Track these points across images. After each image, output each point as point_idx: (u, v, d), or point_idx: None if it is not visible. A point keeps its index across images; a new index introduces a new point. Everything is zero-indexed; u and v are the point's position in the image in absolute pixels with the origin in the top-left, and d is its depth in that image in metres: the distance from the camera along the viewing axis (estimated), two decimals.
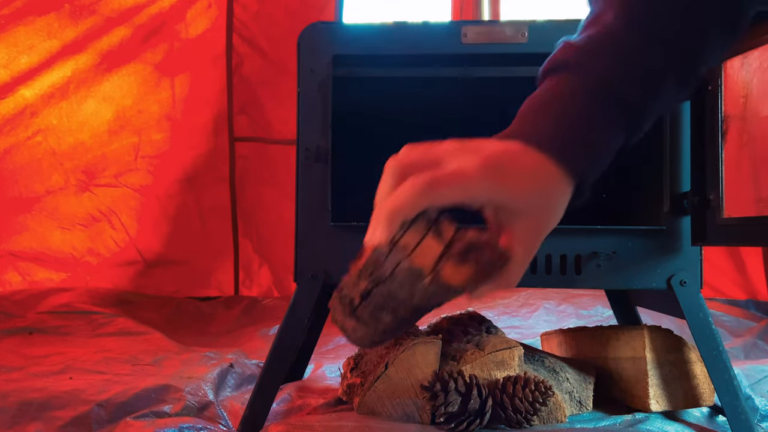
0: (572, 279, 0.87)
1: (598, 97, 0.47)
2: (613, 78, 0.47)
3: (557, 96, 0.48)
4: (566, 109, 0.48)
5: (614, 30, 0.48)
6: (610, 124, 0.48)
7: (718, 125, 0.78)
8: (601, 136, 0.48)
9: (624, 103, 0.48)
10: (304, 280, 0.89)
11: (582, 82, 0.48)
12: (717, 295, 2.11)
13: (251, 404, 0.88)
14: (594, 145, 0.48)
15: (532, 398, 0.82)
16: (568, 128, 0.47)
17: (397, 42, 0.90)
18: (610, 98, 0.47)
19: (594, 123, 0.47)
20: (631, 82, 0.47)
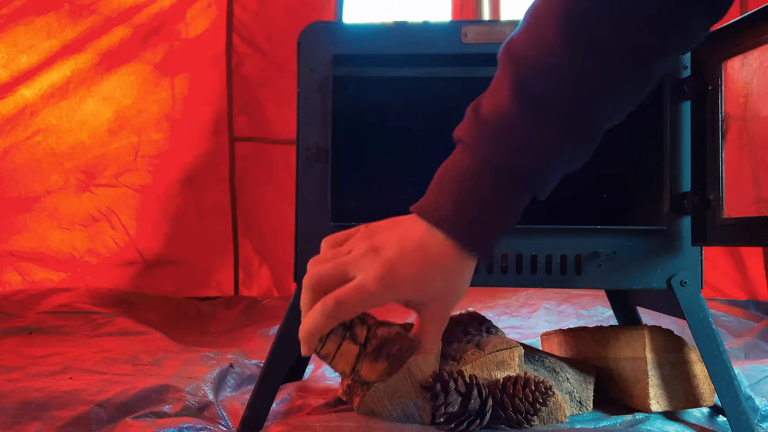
0: (572, 279, 0.87)
1: (496, 180, 0.51)
2: (510, 162, 0.51)
3: (458, 176, 0.52)
4: (467, 190, 0.51)
5: (508, 111, 0.51)
6: (507, 199, 0.52)
7: (719, 125, 0.78)
8: (500, 213, 0.52)
9: (521, 179, 0.51)
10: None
11: (480, 165, 0.51)
12: (717, 295, 2.11)
13: (251, 404, 0.88)
14: (493, 221, 0.52)
15: (532, 398, 0.82)
16: (468, 211, 0.51)
17: (397, 42, 0.90)
18: (507, 179, 0.51)
19: (491, 203, 0.51)
20: (526, 161, 0.51)
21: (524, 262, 0.87)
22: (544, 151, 0.51)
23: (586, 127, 0.52)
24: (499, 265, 0.87)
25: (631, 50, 0.51)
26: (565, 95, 0.51)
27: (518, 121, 0.50)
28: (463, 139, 0.53)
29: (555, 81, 0.50)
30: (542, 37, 0.51)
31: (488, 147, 0.51)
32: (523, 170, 0.51)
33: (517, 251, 0.87)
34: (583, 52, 0.50)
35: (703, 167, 0.81)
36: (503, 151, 0.51)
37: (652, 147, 0.88)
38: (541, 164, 0.52)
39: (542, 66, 0.50)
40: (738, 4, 2.02)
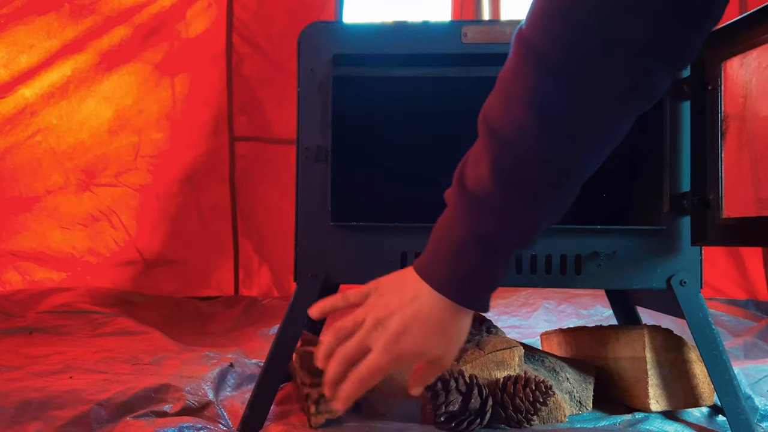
0: (572, 279, 0.87)
1: (485, 251, 0.56)
2: (495, 235, 0.56)
3: (451, 245, 0.58)
4: (458, 261, 0.57)
5: (489, 188, 0.55)
6: (497, 264, 0.57)
7: (718, 125, 0.78)
8: (491, 275, 0.58)
9: (508, 247, 0.57)
10: (304, 280, 0.89)
11: (469, 238, 0.56)
12: (717, 295, 2.11)
13: (251, 404, 0.88)
14: (486, 282, 0.58)
15: (532, 398, 0.82)
16: (462, 279, 0.57)
17: (397, 42, 0.90)
18: (495, 248, 0.56)
19: (483, 271, 0.57)
20: (511, 232, 0.56)
21: (524, 262, 0.87)
22: (528, 221, 0.56)
23: (565, 191, 0.56)
24: None
25: (604, 118, 0.54)
26: (541, 171, 0.54)
27: (498, 197, 0.55)
28: (452, 208, 0.59)
29: (528, 158, 0.53)
30: (512, 111, 0.53)
31: (475, 222, 0.56)
32: (509, 240, 0.56)
33: None
34: (555, 131, 0.53)
35: (702, 167, 0.81)
36: (488, 227, 0.56)
37: (651, 147, 0.89)
38: (526, 232, 0.56)
39: (515, 143, 0.53)
40: (738, 4, 2.02)
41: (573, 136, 0.53)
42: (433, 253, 0.59)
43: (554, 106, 0.52)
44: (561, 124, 0.52)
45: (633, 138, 0.96)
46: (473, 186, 0.56)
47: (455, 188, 0.59)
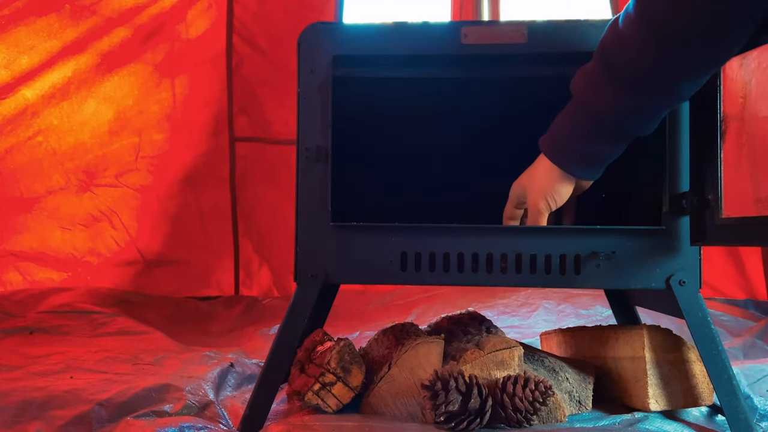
0: (572, 279, 0.87)
1: (587, 124, 0.81)
2: (597, 110, 0.79)
3: (564, 122, 0.84)
4: (565, 131, 0.84)
5: (595, 73, 0.78)
6: (597, 140, 0.81)
7: (717, 125, 0.78)
8: (589, 149, 0.82)
9: (606, 126, 0.79)
10: (304, 280, 0.89)
11: (578, 113, 0.82)
12: (716, 295, 2.12)
13: (251, 404, 0.88)
14: (583, 154, 0.83)
15: (532, 398, 0.83)
16: (566, 145, 0.84)
17: (397, 42, 0.90)
18: (596, 124, 0.80)
19: (582, 141, 0.82)
20: (609, 111, 0.78)
21: (524, 261, 0.87)
22: (623, 107, 0.77)
23: (660, 91, 0.75)
24: (499, 264, 0.87)
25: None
26: (640, 67, 0.73)
27: (602, 81, 0.77)
28: (574, 88, 0.82)
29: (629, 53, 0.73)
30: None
31: (586, 100, 0.80)
32: (595, 110, 0.79)
33: (516, 251, 0.87)
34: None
35: (701, 167, 0.81)
36: (593, 102, 0.79)
37: (651, 147, 0.89)
38: (620, 117, 0.78)
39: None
40: None
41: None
42: (553, 129, 0.84)
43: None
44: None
45: None
46: (586, 72, 0.78)
47: (577, 77, 0.81)
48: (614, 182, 1.04)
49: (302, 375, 0.90)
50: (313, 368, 0.89)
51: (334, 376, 0.87)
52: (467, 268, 0.87)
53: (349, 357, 0.89)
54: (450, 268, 0.88)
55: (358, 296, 2.22)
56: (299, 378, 0.90)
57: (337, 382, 0.87)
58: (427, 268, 0.88)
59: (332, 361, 0.87)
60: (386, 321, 1.49)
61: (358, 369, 0.89)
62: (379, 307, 2.15)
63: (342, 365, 0.88)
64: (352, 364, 0.88)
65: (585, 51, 0.83)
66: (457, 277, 0.88)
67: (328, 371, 0.87)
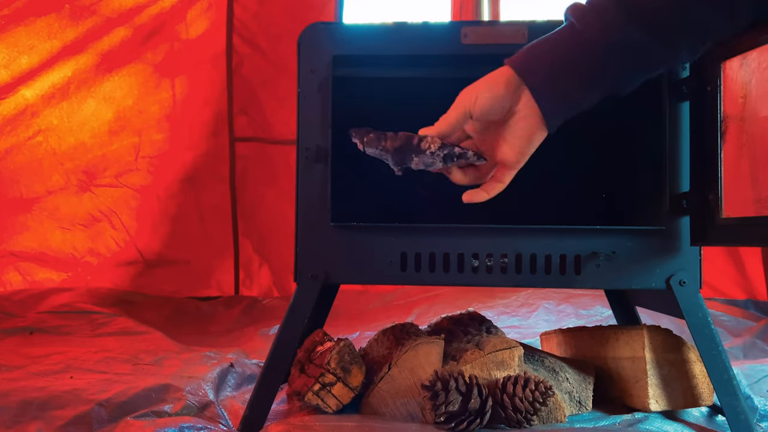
0: (572, 279, 0.87)
1: (574, 50, 0.69)
2: (591, 37, 0.68)
3: (548, 42, 0.71)
4: (545, 51, 0.71)
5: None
6: (574, 74, 0.69)
7: (718, 125, 0.78)
8: (563, 79, 0.70)
9: (592, 59, 0.68)
10: (304, 280, 0.89)
11: (568, 38, 0.70)
12: (716, 295, 2.11)
13: (251, 404, 0.88)
14: (555, 81, 0.70)
15: (532, 398, 0.83)
16: (540, 63, 0.71)
17: (397, 42, 0.90)
18: (583, 53, 0.69)
19: (560, 67, 0.70)
20: (603, 41, 0.67)
21: (524, 261, 0.87)
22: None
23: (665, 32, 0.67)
24: (499, 265, 0.87)
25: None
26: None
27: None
28: (570, 14, 0.71)
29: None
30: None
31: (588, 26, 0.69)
32: (589, 36, 0.68)
33: (516, 251, 0.87)
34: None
35: (702, 167, 0.81)
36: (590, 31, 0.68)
37: (651, 147, 0.89)
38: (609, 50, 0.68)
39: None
40: None
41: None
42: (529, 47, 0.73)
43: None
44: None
45: (632, 138, 0.96)
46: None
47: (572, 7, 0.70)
48: (614, 182, 1.04)
49: (302, 375, 0.90)
50: (313, 368, 0.89)
51: (334, 376, 0.87)
52: (467, 268, 0.87)
53: (349, 357, 0.89)
54: (450, 268, 0.88)
55: (358, 296, 2.22)
56: (299, 378, 0.90)
57: (337, 383, 0.87)
58: (427, 268, 0.88)
59: (332, 362, 0.87)
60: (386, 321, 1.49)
61: (358, 369, 0.89)
62: (379, 307, 2.15)
63: (342, 365, 0.88)
64: (352, 364, 0.88)
65: None
66: (457, 277, 0.88)
67: (328, 371, 0.87)
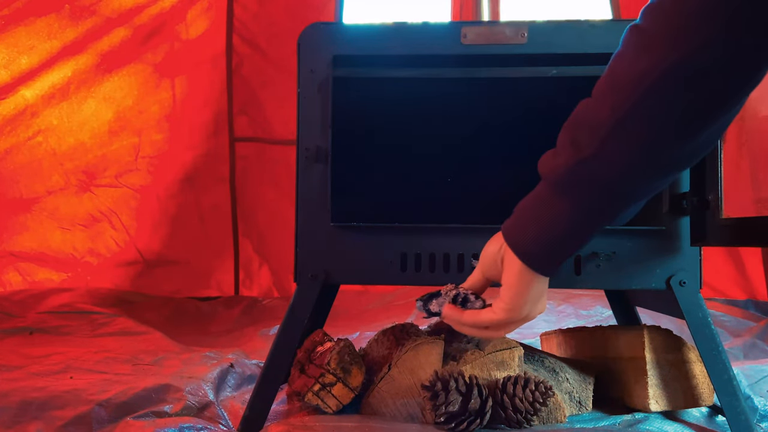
0: (572, 279, 0.87)
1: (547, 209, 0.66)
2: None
3: (529, 215, 0.69)
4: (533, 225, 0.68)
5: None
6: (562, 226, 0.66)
7: None
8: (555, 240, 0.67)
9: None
10: (304, 280, 0.89)
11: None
12: (716, 295, 2.11)
13: (251, 404, 0.88)
14: (551, 249, 0.67)
15: (532, 398, 0.83)
16: (533, 243, 0.68)
17: (397, 42, 0.90)
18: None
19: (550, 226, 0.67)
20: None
21: None
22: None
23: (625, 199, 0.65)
24: None
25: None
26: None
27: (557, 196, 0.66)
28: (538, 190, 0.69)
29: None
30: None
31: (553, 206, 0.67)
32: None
33: None
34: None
35: (702, 167, 0.81)
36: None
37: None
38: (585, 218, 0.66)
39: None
40: None
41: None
42: (517, 218, 0.71)
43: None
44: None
45: None
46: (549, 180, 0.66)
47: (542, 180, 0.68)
48: None
49: (302, 375, 0.90)
50: (313, 369, 0.89)
51: (334, 376, 0.87)
52: (467, 268, 0.87)
53: (349, 357, 0.89)
54: (450, 268, 0.88)
55: (358, 296, 2.22)
56: (299, 378, 0.90)
57: (336, 383, 0.87)
58: (427, 268, 0.88)
59: (332, 362, 0.87)
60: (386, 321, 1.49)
61: (358, 369, 0.89)
62: (379, 307, 2.15)
63: (342, 366, 0.88)
64: (352, 364, 0.88)
65: (585, 51, 0.83)
66: (457, 278, 0.88)
67: (328, 372, 0.87)
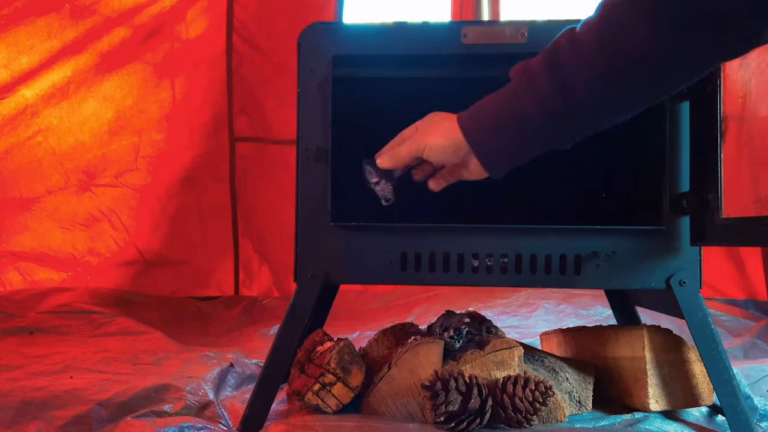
0: (572, 279, 0.87)
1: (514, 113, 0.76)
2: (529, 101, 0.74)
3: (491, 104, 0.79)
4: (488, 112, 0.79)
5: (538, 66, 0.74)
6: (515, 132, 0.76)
7: (717, 125, 0.78)
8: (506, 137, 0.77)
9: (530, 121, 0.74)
10: (304, 280, 0.89)
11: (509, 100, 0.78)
12: (716, 295, 2.11)
13: (251, 404, 0.88)
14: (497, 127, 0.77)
15: (532, 398, 0.83)
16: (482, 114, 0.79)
17: (397, 42, 0.90)
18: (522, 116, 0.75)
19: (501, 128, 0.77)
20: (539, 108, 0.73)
21: (524, 262, 0.87)
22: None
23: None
24: (499, 265, 0.87)
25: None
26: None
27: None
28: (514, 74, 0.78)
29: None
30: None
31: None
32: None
33: (516, 251, 0.87)
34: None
35: (701, 167, 0.81)
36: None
37: (651, 147, 0.89)
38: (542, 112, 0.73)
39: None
40: None
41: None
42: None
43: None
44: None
45: (632, 138, 0.96)
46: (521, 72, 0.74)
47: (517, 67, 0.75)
48: (614, 182, 1.04)
49: (302, 375, 0.90)
50: (312, 368, 0.89)
51: (333, 376, 0.87)
52: (467, 268, 0.87)
53: (349, 357, 0.89)
54: (450, 268, 0.88)
55: (358, 296, 2.22)
56: (299, 378, 0.90)
57: (336, 383, 0.87)
58: (427, 268, 0.88)
59: (332, 362, 0.87)
60: (386, 321, 1.49)
61: (357, 369, 0.89)
62: (379, 307, 2.15)
63: (342, 365, 0.88)
64: (352, 364, 0.88)
65: None
66: (457, 277, 0.88)
67: (328, 371, 0.87)
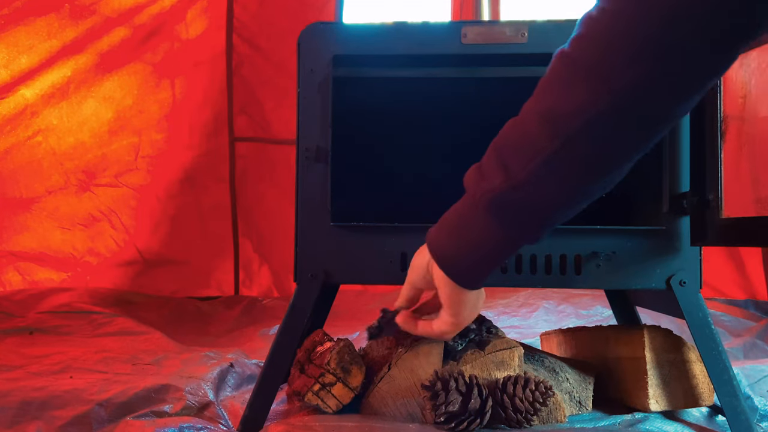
0: (572, 279, 0.87)
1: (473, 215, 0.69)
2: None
3: (456, 234, 0.71)
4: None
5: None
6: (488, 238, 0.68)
7: (718, 125, 0.78)
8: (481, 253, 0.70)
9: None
10: (304, 280, 0.89)
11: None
12: (716, 295, 2.12)
13: (251, 404, 0.88)
14: (480, 268, 0.71)
15: (532, 398, 0.83)
16: (463, 263, 0.71)
17: (397, 42, 0.90)
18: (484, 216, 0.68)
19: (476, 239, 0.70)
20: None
21: (524, 262, 0.87)
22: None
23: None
24: None
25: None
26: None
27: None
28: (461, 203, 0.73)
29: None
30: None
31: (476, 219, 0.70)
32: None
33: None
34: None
35: (702, 167, 0.81)
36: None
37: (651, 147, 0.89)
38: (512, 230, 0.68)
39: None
40: None
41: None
42: (442, 226, 0.74)
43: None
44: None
45: None
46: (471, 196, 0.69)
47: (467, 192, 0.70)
48: None
49: (302, 375, 0.90)
50: (312, 369, 0.89)
51: (333, 376, 0.87)
52: None
53: (349, 357, 0.89)
54: None
55: (358, 296, 2.22)
56: (299, 378, 0.90)
57: (336, 383, 0.87)
58: None
59: (332, 362, 0.87)
60: None
61: (357, 369, 0.89)
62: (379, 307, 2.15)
63: (342, 365, 0.88)
64: (352, 364, 0.88)
65: None
66: None
67: (328, 372, 0.87)
